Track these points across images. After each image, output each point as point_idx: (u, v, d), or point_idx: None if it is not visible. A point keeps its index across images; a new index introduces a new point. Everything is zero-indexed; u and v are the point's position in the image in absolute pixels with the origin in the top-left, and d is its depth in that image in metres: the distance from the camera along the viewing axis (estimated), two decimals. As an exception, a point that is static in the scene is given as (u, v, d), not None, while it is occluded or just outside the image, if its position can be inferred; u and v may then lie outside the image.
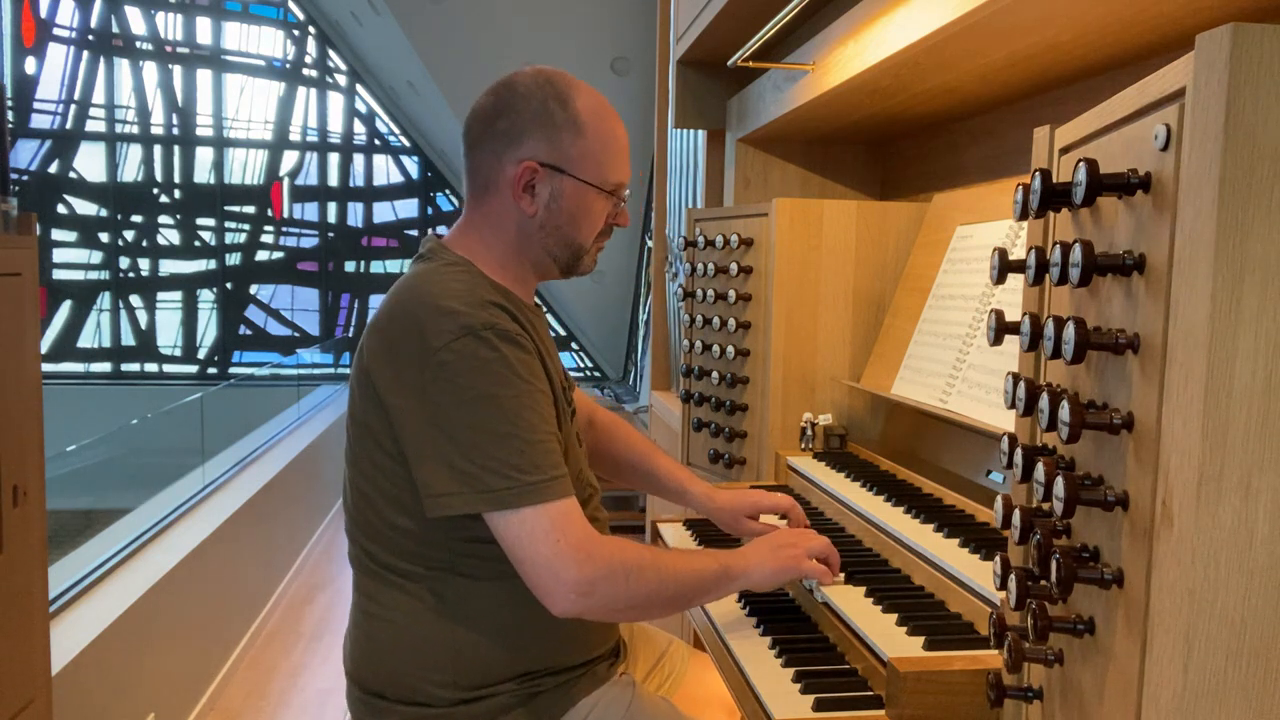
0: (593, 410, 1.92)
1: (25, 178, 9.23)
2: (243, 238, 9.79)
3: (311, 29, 9.67)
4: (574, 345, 9.34)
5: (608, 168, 1.52)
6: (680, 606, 1.56)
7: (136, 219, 9.56)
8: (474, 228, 1.54)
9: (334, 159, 9.86)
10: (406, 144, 9.89)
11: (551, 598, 1.35)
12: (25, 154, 9.23)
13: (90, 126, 9.42)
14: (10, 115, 7.55)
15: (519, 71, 1.52)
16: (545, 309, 1.68)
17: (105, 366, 9.63)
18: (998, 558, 0.95)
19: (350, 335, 10.04)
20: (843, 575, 1.59)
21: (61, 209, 9.38)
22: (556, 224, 1.51)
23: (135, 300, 9.65)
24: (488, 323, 1.36)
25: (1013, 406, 0.93)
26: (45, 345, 9.36)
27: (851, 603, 1.50)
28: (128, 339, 9.67)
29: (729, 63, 2.44)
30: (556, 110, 1.47)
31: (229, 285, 9.79)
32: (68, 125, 9.34)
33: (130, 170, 9.53)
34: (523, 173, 1.47)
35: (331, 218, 9.89)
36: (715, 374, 2.48)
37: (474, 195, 1.54)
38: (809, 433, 2.22)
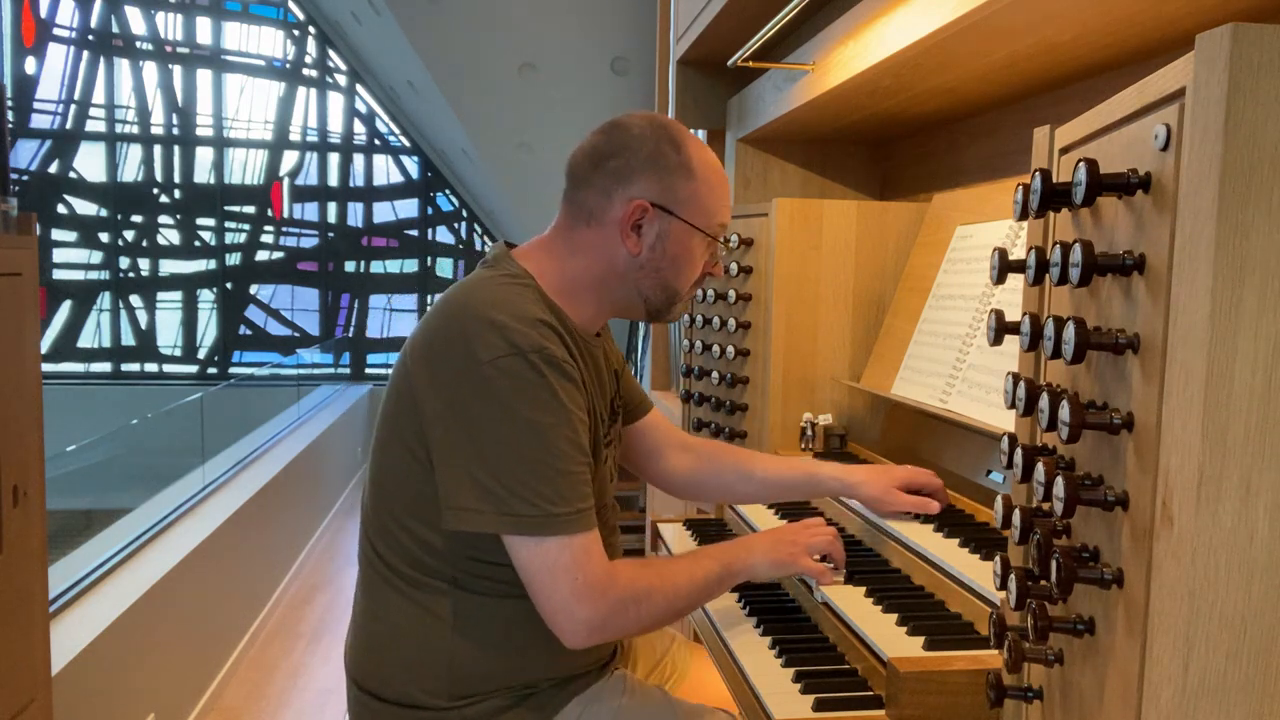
0: (682, 435, 1.89)
1: (25, 178, 9.23)
2: (243, 238, 9.78)
3: (311, 29, 9.66)
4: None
5: (714, 213, 1.53)
6: (689, 613, 1.58)
7: (136, 219, 9.55)
8: (554, 250, 1.52)
9: (334, 159, 9.85)
10: (406, 144, 9.88)
11: (565, 632, 1.37)
12: (25, 154, 9.22)
13: (90, 126, 9.40)
14: (10, 115, 7.54)
15: (630, 114, 1.53)
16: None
17: (105, 366, 9.62)
18: (998, 558, 0.95)
19: (350, 335, 10.04)
20: (842, 575, 1.59)
21: (61, 209, 9.36)
22: (658, 266, 1.50)
23: (135, 300, 9.64)
24: (536, 345, 1.35)
25: (1013, 406, 0.93)
26: (45, 345, 9.35)
27: (851, 603, 1.50)
28: (128, 339, 9.65)
29: (729, 63, 2.44)
30: (670, 154, 1.48)
31: (229, 285, 9.79)
32: (68, 125, 9.33)
33: (130, 170, 9.52)
34: (633, 211, 1.47)
35: (331, 218, 9.88)
36: (715, 374, 2.48)
37: (568, 223, 1.53)
38: (809, 433, 2.22)
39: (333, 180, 9.90)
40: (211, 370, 9.81)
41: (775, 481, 1.84)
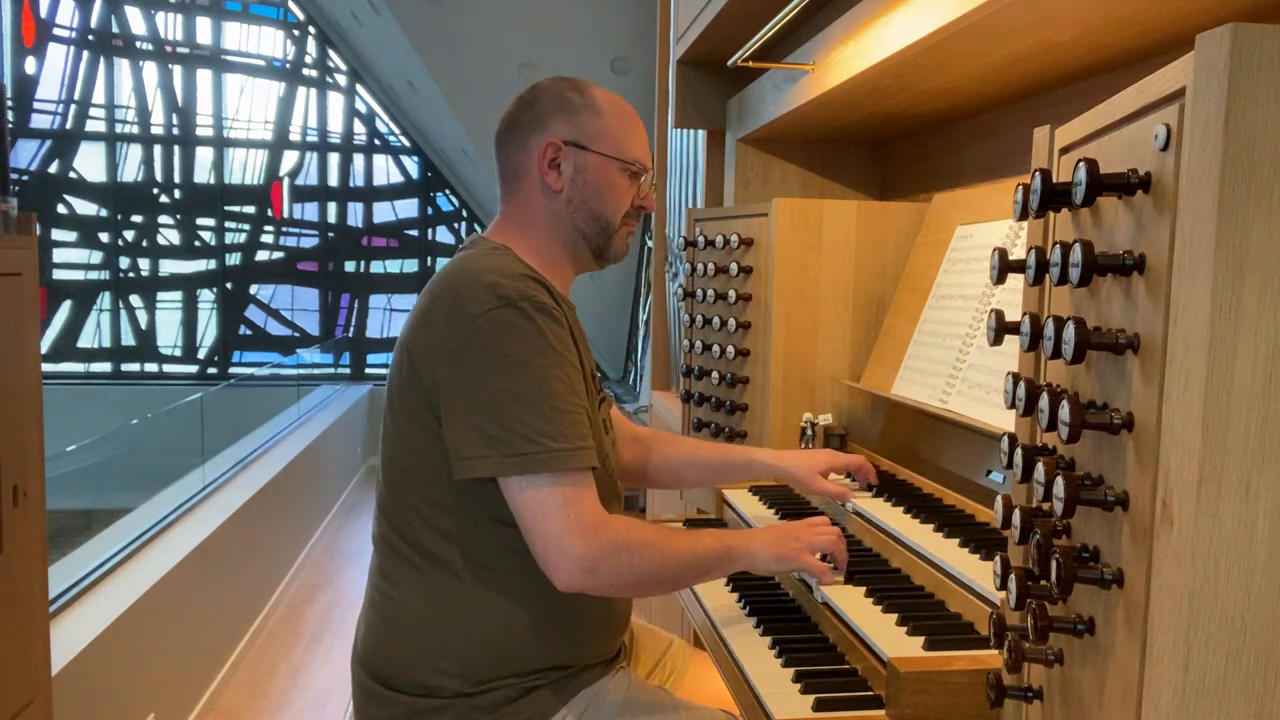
0: (633, 427, 1.97)
1: (25, 178, 9.23)
2: (243, 238, 9.77)
3: (311, 29, 9.65)
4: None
5: (625, 144, 1.61)
6: (683, 585, 1.62)
7: (136, 219, 9.54)
8: (509, 221, 1.63)
9: (334, 159, 9.84)
10: (406, 144, 9.87)
11: (556, 571, 1.38)
12: (25, 154, 9.22)
13: (90, 126, 9.39)
14: (10, 115, 7.53)
15: (541, 79, 1.65)
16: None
17: (105, 366, 9.61)
18: (998, 558, 0.95)
19: (350, 335, 10.03)
20: (843, 575, 1.59)
21: (61, 209, 9.36)
22: (583, 198, 1.59)
23: (135, 300, 9.63)
24: (525, 294, 1.41)
25: (1013, 406, 0.93)
26: (45, 345, 9.34)
27: (851, 602, 1.50)
28: (128, 339, 9.65)
29: (729, 63, 2.44)
30: (574, 97, 1.60)
31: (229, 285, 9.78)
32: (68, 125, 9.32)
33: (130, 170, 9.51)
34: (545, 149, 1.57)
35: (331, 218, 9.87)
36: (715, 374, 2.48)
37: (507, 191, 1.63)
38: (809, 433, 2.22)
39: (333, 180, 9.90)
40: (211, 370, 9.81)
41: (714, 464, 1.97)
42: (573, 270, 1.65)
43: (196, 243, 9.73)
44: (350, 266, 9.99)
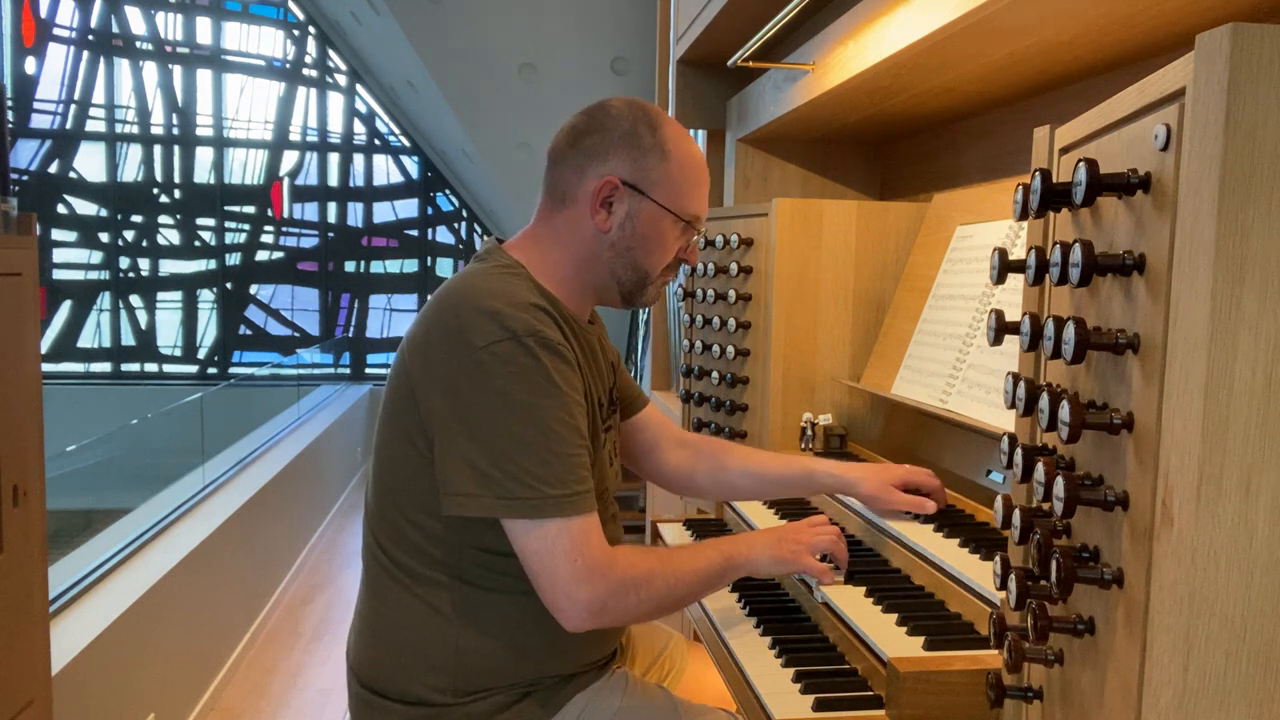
0: (679, 431, 1.89)
1: (25, 178, 9.22)
2: (243, 238, 9.77)
3: (311, 29, 9.65)
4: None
5: (687, 197, 1.52)
6: (689, 603, 1.58)
7: (136, 219, 9.54)
8: (538, 238, 1.54)
9: (334, 159, 9.84)
10: (406, 144, 9.87)
11: (564, 615, 1.36)
12: (25, 154, 9.22)
13: (90, 126, 9.39)
14: (10, 115, 7.53)
15: (613, 97, 1.55)
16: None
17: (105, 366, 9.61)
18: (998, 558, 0.95)
19: (350, 335, 10.03)
20: (843, 575, 1.59)
21: (61, 209, 9.36)
22: (628, 245, 1.51)
23: (135, 300, 9.63)
24: (530, 329, 1.35)
25: (1013, 406, 0.93)
26: (45, 345, 9.34)
27: (851, 603, 1.50)
28: (128, 339, 9.65)
29: (729, 63, 2.44)
30: (645, 134, 1.49)
31: (229, 285, 9.78)
32: (68, 125, 9.32)
33: (130, 170, 9.51)
34: (602, 187, 1.48)
35: (331, 218, 9.87)
36: (715, 374, 2.48)
37: (547, 207, 1.54)
38: (809, 433, 2.22)
39: (333, 180, 9.90)
40: (211, 370, 9.81)
41: (772, 478, 1.84)
42: (594, 301, 1.58)
43: (196, 243, 9.73)
44: (350, 266, 9.99)
